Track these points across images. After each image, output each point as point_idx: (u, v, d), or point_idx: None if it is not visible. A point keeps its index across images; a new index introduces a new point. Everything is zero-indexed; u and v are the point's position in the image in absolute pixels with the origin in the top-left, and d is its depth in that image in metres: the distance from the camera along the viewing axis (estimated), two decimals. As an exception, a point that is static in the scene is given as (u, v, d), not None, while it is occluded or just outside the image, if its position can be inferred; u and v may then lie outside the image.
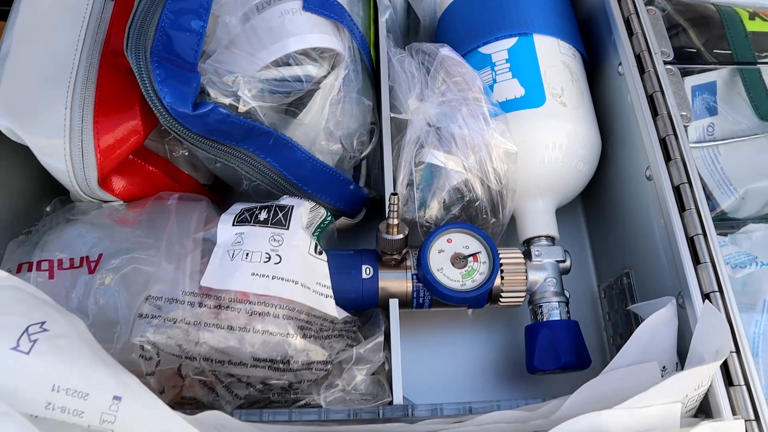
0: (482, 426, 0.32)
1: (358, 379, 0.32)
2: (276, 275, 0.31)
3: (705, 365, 0.28)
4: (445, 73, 0.38)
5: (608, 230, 0.44)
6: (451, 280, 0.35)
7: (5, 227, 0.38)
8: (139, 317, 0.31)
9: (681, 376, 0.28)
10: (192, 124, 0.32)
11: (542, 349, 0.37)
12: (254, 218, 0.33)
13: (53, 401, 0.26)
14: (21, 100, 0.34)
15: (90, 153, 0.34)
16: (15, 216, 0.39)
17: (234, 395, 0.32)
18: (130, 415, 0.26)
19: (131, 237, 0.34)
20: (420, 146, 0.38)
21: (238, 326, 0.30)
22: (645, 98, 0.38)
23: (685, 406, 0.30)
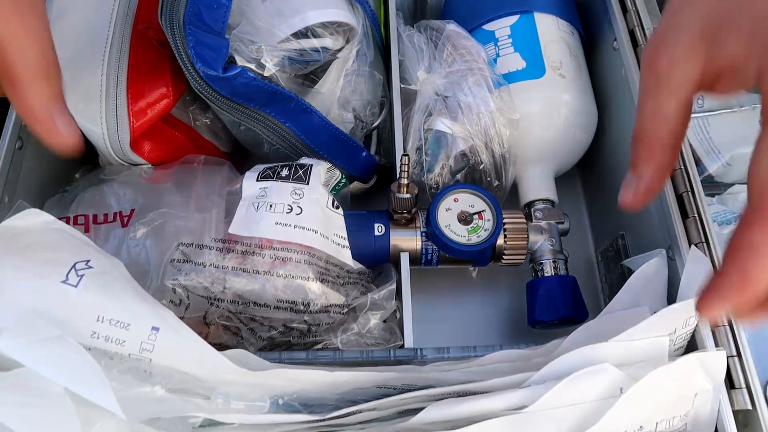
0: (487, 366, 0.34)
1: (372, 323, 0.35)
2: (298, 224, 0.33)
3: (691, 300, 0.30)
4: (452, 47, 0.41)
5: (604, 198, 0.46)
6: (458, 235, 0.38)
7: (39, 191, 0.41)
8: (170, 263, 0.34)
9: (669, 310, 0.30)
10: (220, 86, 0.34)
11: (542, 301, 0.39)
12: (276, 174, 0.35)
13: (98, 331, 0.29)
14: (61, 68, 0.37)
15: (124, 116, 0.37)
16: (48, 181, 0.41)
17: (257, 337, 0.35)
18: (166, 343, 0.29)
19: (161, 194, 0.37)
20: (428, 114, 0.41)
21: (263, 270, 0.33)
22: (638, 70, 0.40)
23: (674, 343, 0.33)
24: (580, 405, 0.30)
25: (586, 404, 0.30)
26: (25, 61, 0.26)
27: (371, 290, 0.36)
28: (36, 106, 0.27)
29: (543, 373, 0.31)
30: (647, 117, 0.28)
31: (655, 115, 0.27)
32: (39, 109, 0.27)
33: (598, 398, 0.30)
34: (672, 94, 0.26)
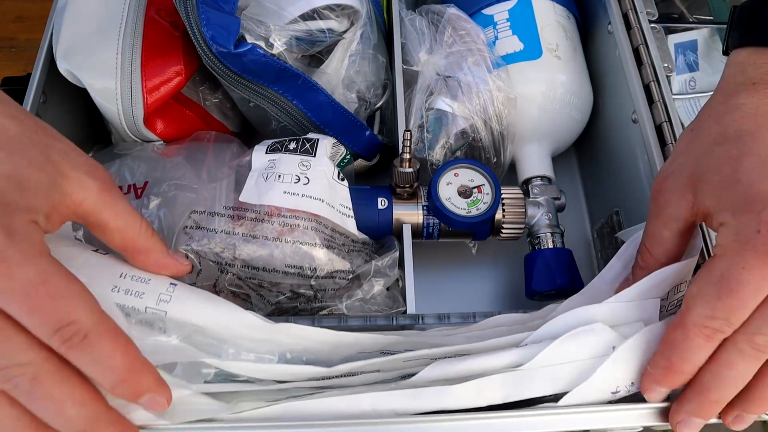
0: (486, 330, 0.36)
1: (376, 289, 0.36)
2: (305, 194, 0.35)
3: (681, 262, 0.32)
4: (452, 29, 0.43)
5: (599, 177, 0.48)
6: (458, 208, 0.39)
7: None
8: (183, 230, 0.35)
9: (661, 272, 0.32)
10: (232, 63, 0.36)
11: (540, 272, 0.41)
12: (284, 148, 0.37)
13: (119, 285, 0.30)
14: (78, 47, 0.39)
15: (138, 92, 0.38)
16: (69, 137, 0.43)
17: (266, 301, 0.36)
18: (183, 295, 0.31)
19: (174, 167, 0.38)
20: (430, 93, 0.42)
21: (272, 236, 0.35)
22: (630, 51, 0.42)
23: (666, 309, 0.34)
24: (574, 363, 0.31)
25: (580, 362, 0.31)
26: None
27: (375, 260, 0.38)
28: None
29: (539, 334, 0.32)
30: (647, 237, 0.33)
31: (653, 237, 0.33)
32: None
33: (592, 356, 0.31)
34: (667, 226, 0.32)
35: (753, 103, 0.30)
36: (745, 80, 0.31)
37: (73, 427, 0.26)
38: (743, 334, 0.27)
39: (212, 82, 0.45)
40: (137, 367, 0.27)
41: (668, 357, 0.29)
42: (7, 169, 0.25)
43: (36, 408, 0.25)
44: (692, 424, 0.29)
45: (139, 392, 0.27)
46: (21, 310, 0.24)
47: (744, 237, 0.27)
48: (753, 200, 0.27)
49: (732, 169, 0.28)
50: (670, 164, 0.33)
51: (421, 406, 0.31)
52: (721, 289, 0.27)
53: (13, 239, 0.23)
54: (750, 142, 0.28)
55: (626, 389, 0.31)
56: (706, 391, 0.29)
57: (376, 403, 0.31)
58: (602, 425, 0.31)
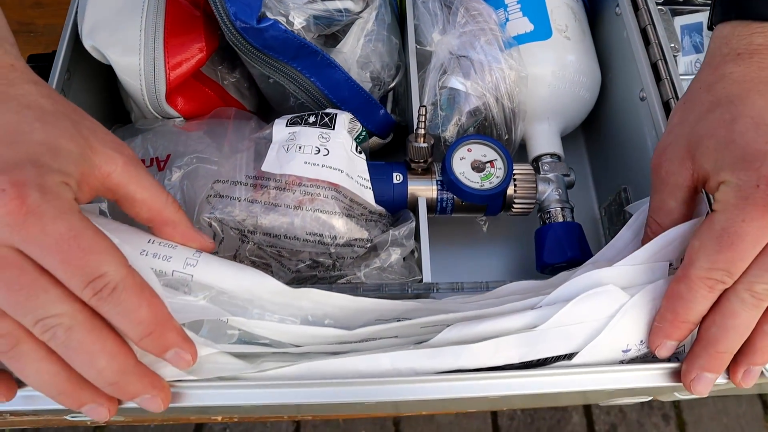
0: (501, 297, 0.37)
1: (393, 258, 0.37)
2: (325, 164, 0.36)
3: (687, 223, 0.33)
4: (465, 10, 0.44)
5: (606, 156, 0.49)
6: (472, 181, 0.41)
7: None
8: (206, 200, 0.36)
9: (667, 234, 0.33)
10: (254, 38, 0.37)
11: (550, 245, 0.42)
12: (304, 121, 0.38)
13: (147, 249, 0.31)
14: (103, 25, 0.40)
15: (161, 69, 0.39)
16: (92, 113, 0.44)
17: (287, 269, 0.37)
18: (209, 260, 0.32)
19: (195, 140, 0.39)
20: (443, 72, 0.43)
21: (293, 205, 0.36)
22: (638, 31, 0.43)
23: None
24: (587, 323, 0.32)
25: (592, 322, 0.32)
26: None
27: (391, 231, 0.39)
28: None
29: (553, 297, 0.33)
30: (654, 209, 0.35)
31: (659, 209, 0.34)
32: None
33: (604, 317, 0.32)
34: (671, 195, 0.33)
35: (740, 71, 0.32)
36: (730, 51, 0.33)
37: (104, 378, 0.27)
38: (743, 284, 0.28)
39: (230, 62, 0.46)
40: (163, 321, 0.28)
41: (674, 309, 0.30)
42: (42, 137, 0.26)
43: (71, 358, 0.26)
44: (704, 379, 0.30)
45: (165, 346, 0.28)
46: (55, 263, 0.25)
47: (743, 192, 0.28)
48: (751, 158, 0.28)
49: (727, 131, 0.30)
50: (666, 137, 0.34)
51: (440, 365, 0.32)
52: (721, 242, 0.28)
53: (46, 196, 0.24)
54: (741, 106, 0.30)
55: (636, 348, 0.32)
56: (714, 344, 0.30)
57: (396, 363, 0.32)
58: (616, 385, 0.32)
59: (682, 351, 0.34)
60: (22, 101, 0.27)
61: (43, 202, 0.24)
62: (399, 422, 1.10)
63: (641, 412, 1.12)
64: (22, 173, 0.24)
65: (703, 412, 1.12)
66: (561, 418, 1.11)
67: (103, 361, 0.26)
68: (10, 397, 0.29)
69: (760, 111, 0.29)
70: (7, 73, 0.28)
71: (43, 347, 0.26)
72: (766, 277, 0.28)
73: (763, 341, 0.29)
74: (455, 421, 1.10)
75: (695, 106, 0.33)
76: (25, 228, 0.24)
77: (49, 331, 0.25)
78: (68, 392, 0.27)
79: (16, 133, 0.26)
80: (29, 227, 0.24)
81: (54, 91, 0.29)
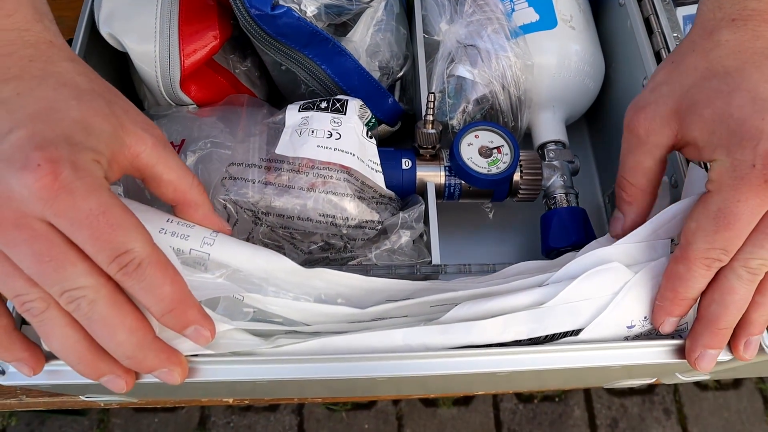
0: (508, 278, 0.38)
1: (403, 240, 0.38)
2: (337, 147, 0.37)
3: (687, 199, 0.34)
4: (472, 0, 0.45)
5: (611, 145, 0.50)
6: (479, 167, 0.41)
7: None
8: (221, 182, 0.37)
9: (669, 210, 0.34)
10: (268, 25, 0.38)
11: (556, 230, 0.43)
12: (316, 106, 0.39)
13: (166, 227, 0.32)
14: (119, 12, 0.41)
15: (175, 55, 0.40)
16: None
17: (299, 251, 0.38)
18: (226, 240, 0.33)
19: (209, 126, 0.40)
20: (451, 61, 0.44)
21: (307, 187, 0.36)
22: (642, 20, 0.44)
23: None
24: (593, 299, 0.33)
25: (598, 298, 0.33)
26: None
27: (401, 214, 0.39)
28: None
29: (560, 274, 0.34)
30: (629, 169, 0.35)
31: (635, 169, 0.34)
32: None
33: (609, 293, 0.33)
34: (649, 154, 0.33)
35: (735, 40, 0.31)
36: (724, 16, 0.32)
37: (123, 351, 0.28)
38: (739, 261, 0.29)
39: (241, 51, 0.47)
40: (184, 299, 0.28)
41: (673, 288, 0.31)
42: (77, 115, 0.27)
43: (93, 330, 0.27)
44: (708, 356, 0.31)
45: (185, 323, 0.29)
46: (84, 237, 0.26)
47: (739, 172, 0.28)
48: (747, 135, 0.29)
49: (724, 103, 0.30)
50: (648, 94, 0.33)
51: (451, 341, 0.33)
52: (718, 222, 0.29)
53: (78, 173, 0.25)
54: (738, 79, 0.30)
55: (640, 324, 0.33)
56: (714, 321, 0.31)
57: (408, 338, 0.33)
58: (623, 361, 0.33)
59: (684, 328, 0.35)
60: (59, 79, 0.28)
61: (76, 179, 0.25)
62: (402, 416, 1.11)
63: (642, 406, 1.13)
64: (57, 150, 0.25)
65: (704, 406, 1.13)
66: (563, 412, 1.12)
67: (123, 335, 0.27)
68: (38, 371, 0.30)
69: (755, 84, 0.30)
70: (47, 49, 0.29)
71: (69, 315, 0.27)
72: (760, 253, 0.29)
73: (757, 312, 0.31)
74: (458, 414, 1.11)
75: (687, 69, 0.32)
76: (58, 203, 0.25)
77: (73, 302, 0.26)
78: (87, 360, 0.28)
79: (52, 111, 0.26)
80: (61, 202, 0.25)
81: (90, 69, 0.30)
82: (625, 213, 0.36)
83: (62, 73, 0.28)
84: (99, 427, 1.08)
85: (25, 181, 0.24)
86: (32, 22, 0.29)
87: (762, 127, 0.28)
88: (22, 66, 0.28)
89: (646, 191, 0.35)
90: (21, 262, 0.25)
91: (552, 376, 0.44)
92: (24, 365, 0.29)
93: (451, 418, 1.11)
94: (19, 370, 0.30)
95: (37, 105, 0.26)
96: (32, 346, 0.30)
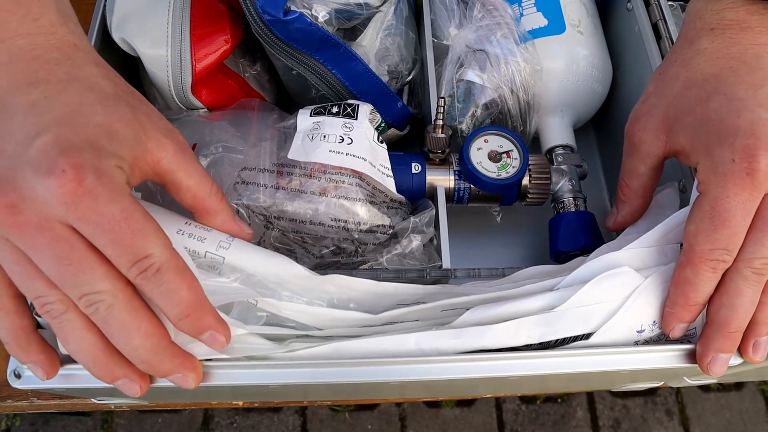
0: (518, 282, 0.38)
1: (414, 244, 0.38)
2: (349, 152, 0.37)
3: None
4: (481, 5, 0.45)
5: (618, 149, 0.50)
6: (489, 171, 0.42)
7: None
8: (233, 187, 0.37)
9: (677, 215, 0.34)
10: (280, 30, 0.38)
11: (564, 234, 0.43)
12: (327, 111, 0.39)
13: (184, 229, 0.32)
14: (131, 17, 0.41)
15: (187, 60, 0.41)
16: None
17: (311, 255, 0.38)
18: (241, 244, 0.33)
19: (221, 130, 0.40)
20: (460, 65, 0.45)
21: (318, 191, 0.37)
22: (650, 25, 0.45)
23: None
24: (603, 303, 0.33)
25: (608, 303, 0.33)
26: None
27: (411, 218, 0.40)
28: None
29: (570, 279, 0.35)
30: (626, 173, 0.38)
31: (631, 173, 0.37)
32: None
33: (619, 298, 0.33)
34: (642, 162, 0.36)
35: (713, 47, 0.33)
36: (703, 26, 0.34)
37: (138, 355, 0.28)
38: (743, 262, 0.30)
39: (251, 55, 0.47)
40: (201, 304, 0.29)
41: (683, 294, 0.31)
42: (101, 120, 0.27)
43: (110, 333, 0.28)
44: (720, 360, 0.32)
45: (201, 328, 0.29)
46: (105, 241, 0.26)
47: (722, 168, 0.30)
48: (725, 134, 0.30)
49: (703, 109, 0.32)
50: (641, 105, 0.36)
51: (463, 345, 0.33)
52: (715, 221, 0.30)
53: (101, 179, 0.26)
54: (715, 84, 0.32)
55: (650, 329, 0.33)
56: (725, 326, 0.31)
57: (421, 343, 0.33)
58: (634, 366, 0.33)
59: (693, 333, 0.35)
60: (85, 83, 0.28)
61: (99, 185, 0.25)
62: (405, 417, 1.11)
63: (645, 407, 1.13)
64: (81, 156, 0.25)
65: (706, 407, 1.14)
66: (565, 413, 1.12)
67: (138, 339, 0.28)
68: (52, 375, 0.30)
69: (731, 87, 0.31)
70: (72, 52, 0.29)
71: (86, 318, 0.27)
72: (762, 251, 0.30)
73: (764, 312, 0.31)
74: (461, 415, 1.11)
75: (671, 79, 0.35)
76: (81, 207, 0.25)
77: (91, 306, 0.26)
78: (102, 364, 0.28)
79: (78, 115, 0.27)
80: (84, 207, 0.25)
81: (114, 72, 0.31)
82: (619, 210, 0.39)
83: (87, 77, 0.29)
84: (103, 427, 1.09)
85: (50, 186, 0.25)
86: (57, 26, 0.29)
87: (738, 124, 0.30)
88: (48, 69, 0.28)
89: (638, 194, 0.38)
90: (42, 264, 0.26)
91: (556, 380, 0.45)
92: (38, 368, 0.30)
93: (454, 419, 1.11)
94: (33, 372, 0.30)
95: (63, 109, 0.27)
96: (48, 349, 0.30)
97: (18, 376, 0.31)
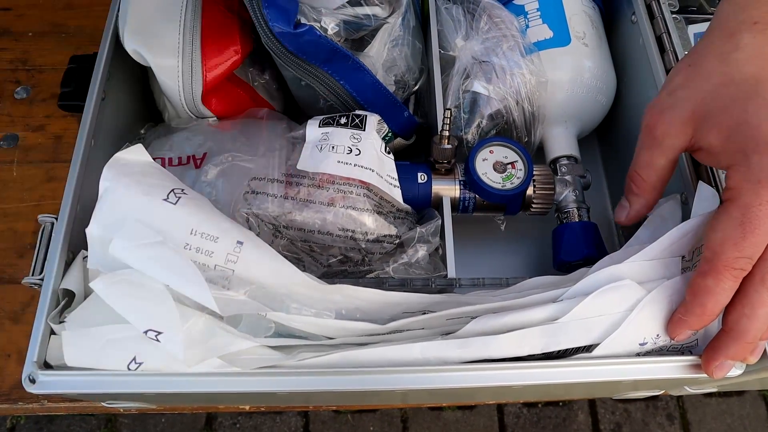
0: (522, 292, 0.39)
1: (420, 254, 0.39)
2: (357, 163, 0.38)
3: (699, 217, 0.34)
4: (488, 17, 0.46)
5: (621, 160, 0.51)
6: (494, 182, 0.42)
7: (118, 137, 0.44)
8: (242, 196, 0.38)
9: (681, 227, 0.34)
10: (289, 42, 0.39)
11: (568, 244, 0.44)
12: (336, 122, 0.40)
13: (191, 242, 0.33)
14: (143, 28, 0.42)
15: (198, 70, 0.41)
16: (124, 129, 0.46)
17: (318, 263, 0.39)
18: (249, 256, 0.33)
19: (231, 139, 0.41)
20: (466, 76, 0.45)
21: (327, 201, 0.37)
22: (654, 39, 0.45)
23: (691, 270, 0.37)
24: (606, 316, 0.34)
25: (611, 315, 0.34)
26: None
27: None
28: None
29: (573, 291, 0.35)
30: (642, 165, 0.36)
31: (648, 166, 0.36)
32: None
33: (622, 310, 0.34)
34: (663, 154, 0.35)
35: (755, 44, 0.31)
36: (746, 18, 0.32)
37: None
38: (763, 272, 0.29)
39: (260, 65, 0.48)
40: None
41: (702, 303, 0.31)
42: None
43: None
44: (727, 366, 0.32)
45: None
46: None
47: (757, 175, 0.29)
48: (763, 140, 0.29)
49: (740, 111, 0.30)
50: (667, 97, 0.34)
51: (468, 355, 0.33)
52: (745, 228, 0.29)
53: None
54: (755, 85, 0.30)
55: (653, 341, 0.34)
56: (744, 335, 0.31)
57: (426, 352, 0.33)
58: (634, 376, 0.34)
59: (694, 345, 0.36)
60: None
61: None
62: (407, 419, 1.12)
63: (646, 411, 1.14)
64: None
65: (707, 412, 1.14)
66: (566, 416, 1.13)
67: None
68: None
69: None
70: None
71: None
72: None
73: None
74: (462, 418, 1.12)
75: (705, 73, 0.32)
76: None
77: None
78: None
79: None
80: None
81: None
82: (632, 203, 0.38)
83: None
84: (106, 426, 1.09)
85: None
86: None
87: None
88: None
89: (655, 187, 0.36)
90: None
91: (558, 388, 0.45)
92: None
93: (456, 422, 1.12)
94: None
95: None
96: None
97: (33, 381, 0.32)
